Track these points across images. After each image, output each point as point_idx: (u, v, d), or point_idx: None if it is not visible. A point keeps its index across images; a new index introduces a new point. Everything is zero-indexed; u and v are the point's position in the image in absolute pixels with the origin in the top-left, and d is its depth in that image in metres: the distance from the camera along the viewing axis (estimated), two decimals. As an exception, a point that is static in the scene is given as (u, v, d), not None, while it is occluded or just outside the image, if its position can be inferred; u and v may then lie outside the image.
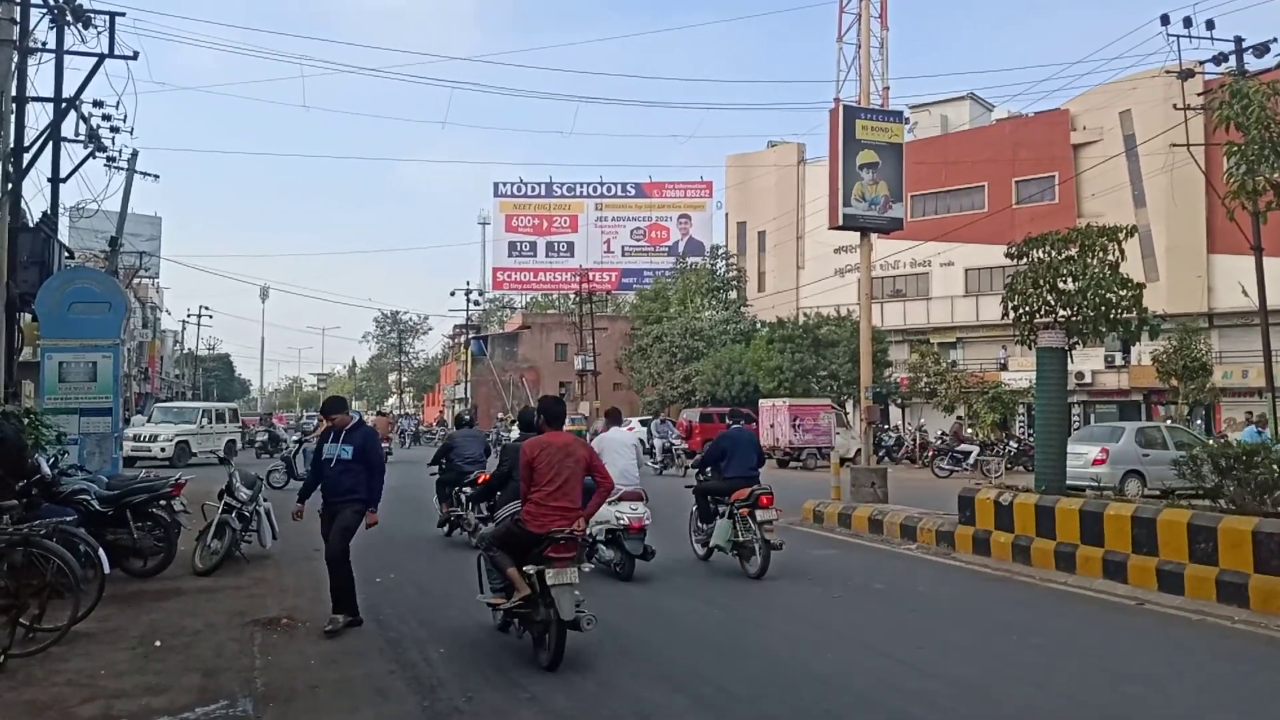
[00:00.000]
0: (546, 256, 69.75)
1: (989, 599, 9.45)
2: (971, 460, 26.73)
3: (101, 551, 7.73)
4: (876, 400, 22.42)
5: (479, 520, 10.84)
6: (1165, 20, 22.01)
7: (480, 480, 11.50)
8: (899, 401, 42.79)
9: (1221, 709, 5.96)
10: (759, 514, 10.25)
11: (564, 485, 6.82)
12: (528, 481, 6.88)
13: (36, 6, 16.12)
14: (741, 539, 10.41)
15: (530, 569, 6.63)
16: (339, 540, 7.78)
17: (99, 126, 20.67)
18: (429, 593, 9.60)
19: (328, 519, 7.95)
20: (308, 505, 8.16)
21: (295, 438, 25.12)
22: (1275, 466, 9.82)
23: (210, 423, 30.43)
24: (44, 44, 17.22)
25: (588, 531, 7.78)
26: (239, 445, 32.02)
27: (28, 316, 16.80)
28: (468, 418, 15.89)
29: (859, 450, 21.78)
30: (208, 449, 29.44)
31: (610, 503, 9.61)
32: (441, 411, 73.08)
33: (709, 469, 11.38)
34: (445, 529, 13.25)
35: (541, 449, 6.92)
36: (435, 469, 13.37)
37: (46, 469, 9.42)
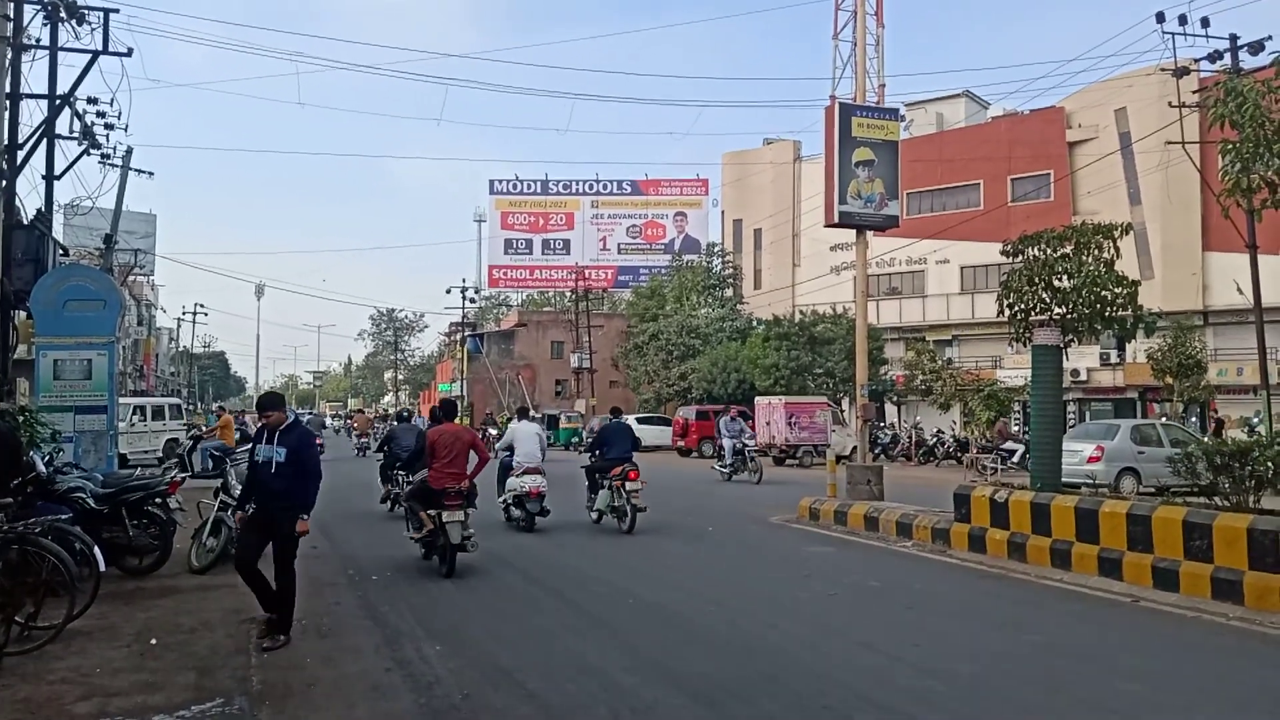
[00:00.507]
0: (542, 254, 69.73)
1: (984, 596, 9.47)
2: (1017, 458, 25.65)
3: (97, 549, 7.72)
4: (872, 398, 22.43)
5: (407, 483, 13.93)
6: (1160, 18, 22.04)
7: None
8: (895, 399, 42.83)
9: (1216, 705, 5.98)
10: (628, 485, 13.53)
11: (454, 458, 10.28)
12: (431, 455, 10.36)
13: (30, 2, 16.06)
14: (615, 504, 13.70)
15: (432, 512, 10.08)
16: (281, 554, 7.38)
17: (93, 123, 20.59)
18: (425, 590, 9.59)
19: (256, 524, 7.53)
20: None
21: (190, 433, 24.60)
22: (1269, 464, 9.84)
23: (144, 420, 27.98)
24: (38, 40, 17.13)
25: (501, 498, 13.70)
26: (182, 445, 25.67)
27: (22, 314, 16.76)
28: (405, 414, 20.03)
29: (855, 448, 21.80)
30: (141, 449, 26.62)
31: (516, 476, 13.55)
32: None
33: (596, 451, 14.49)
34: (388, 505, 15.96)
35: (439, 434, 10.43)
36: (380, 455, 16.50)
37: (41, 467, 9.40)
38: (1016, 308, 13.44)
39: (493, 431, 39.26)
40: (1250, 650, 7.29)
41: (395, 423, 19.24)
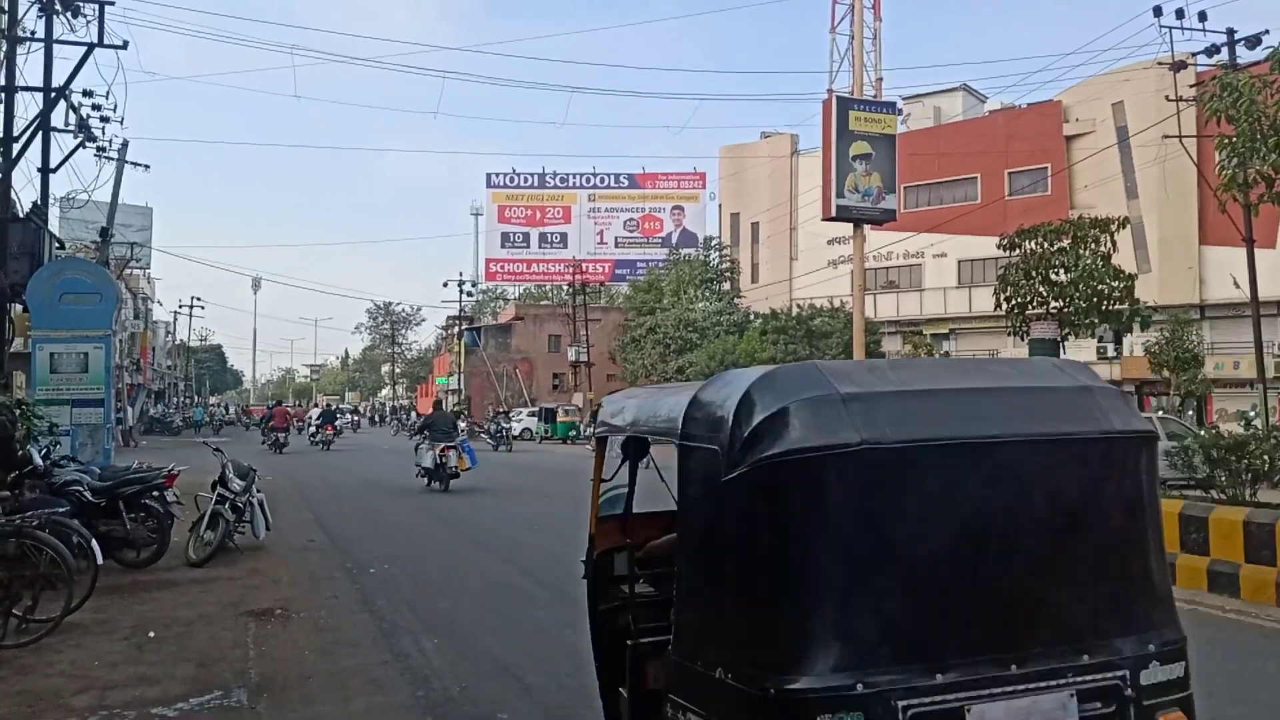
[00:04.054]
0: (539, 247, 69.62)
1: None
2: None
3: (94, 542, 7.71)
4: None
5: (422, 440, 19.85)
6: (1158, 12, 22.01)
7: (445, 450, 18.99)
8: (892, 393, 42.81)
9: (1211, 698, 5.98)
10: (450, 454, 18.55)
11: (447, 431, 19.08)
12: (428, 426, 19.27)
13: (25, -5, 16.01)
14: (434, 467, 18.61)
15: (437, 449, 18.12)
16: None
17: (89, 116, 20.53)
18: (422, 583, 9.61)
19: None
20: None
21: None
22: (1266, 457, 9.88)
23: None
24: (33, 33, 17.09)
25: (423, 465, 19.01)
26: None
27: (19, 307, 16.73)
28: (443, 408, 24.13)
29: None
30: None
31: (438, 449, 18.58)
32: (500, 405, 72.94)
33: (424, 431, 19.65)
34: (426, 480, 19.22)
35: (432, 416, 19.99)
36: (419, 437, 20.13)
37: (39, 460, 9.40)
38: (1014, 301, 13.49)
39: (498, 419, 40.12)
40: (1246, 643, 7.31)
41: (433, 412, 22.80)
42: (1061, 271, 13.01)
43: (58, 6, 16.81)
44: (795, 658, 2.59)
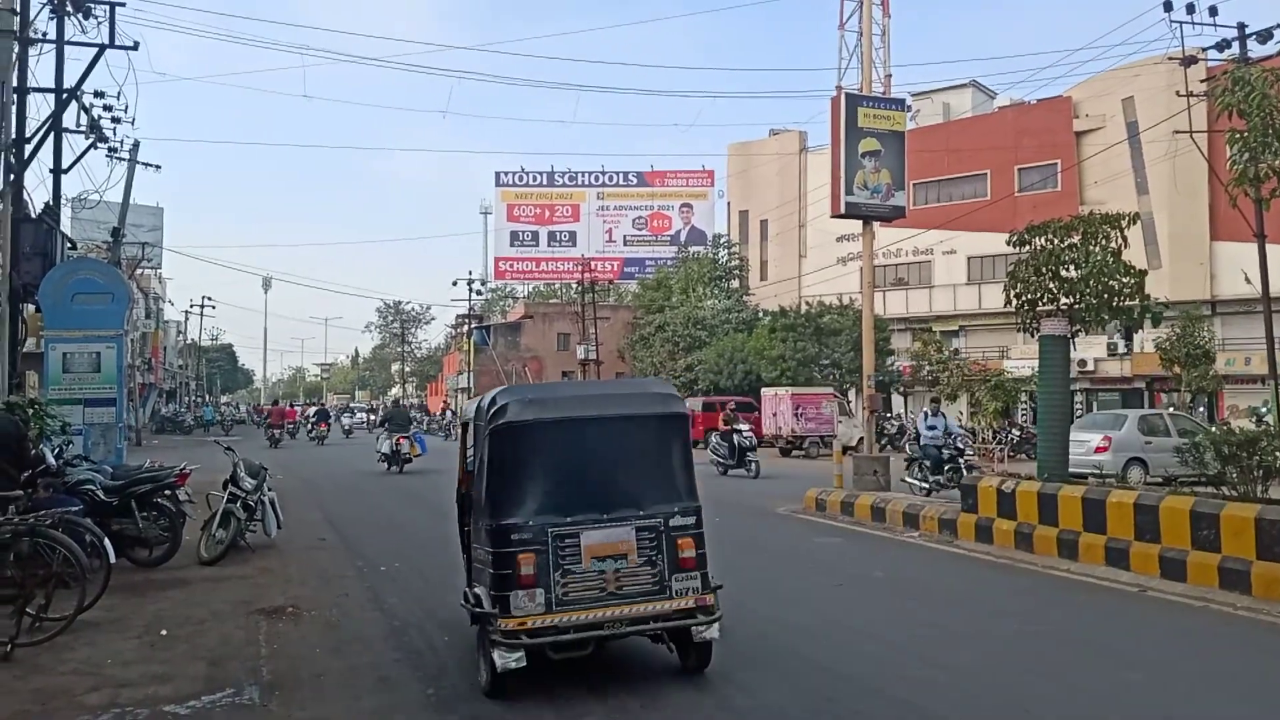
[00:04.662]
0: (548, 246, 69.62)
1: (991, 587, 9.48)
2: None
3: (107, 541, 7.77)
4: (879, 389, 22.24)
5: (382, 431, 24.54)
6: (1168, 6, 21.87)
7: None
8: (901, 390, 42.74)
9: (1223, 695, 5.99)
10: (404, 443, 22.44)
11: (403, 423, 24.14)
12: (387, 420, 25.18)
13: (37, -3, 16.07)
14: (391, 453, 22.59)
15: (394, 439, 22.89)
16: None
17: (100, 117, 20.58)
18: (433, 581, 9.63)
19: None
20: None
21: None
22: (1277, 454, 9.83)
23: None
24: (44, 34, 17.14)
25: (382, 451, 23.16)
26: None
27: (31, 307, 16.82)
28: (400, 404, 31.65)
29: (861, 439, 21.78)
30: None
31: (394, 439, 22.67)
32: (445, 400, 73.10)
33: (384, 424, 24.73)
34: (385, 465, 22.81)
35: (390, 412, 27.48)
36: (380, 430, 25.18)
37: (51, 459, 9.44)
38: (1024, 298, 13.41)
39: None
40: (1257, 640, 7.29)
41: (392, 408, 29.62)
42: (1072, 268, 12.93)
43: (69, 8, 16.88)
44: (504, 511, 5.80)
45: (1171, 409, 27.20)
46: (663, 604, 5.86)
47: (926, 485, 16.28)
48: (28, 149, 16.02)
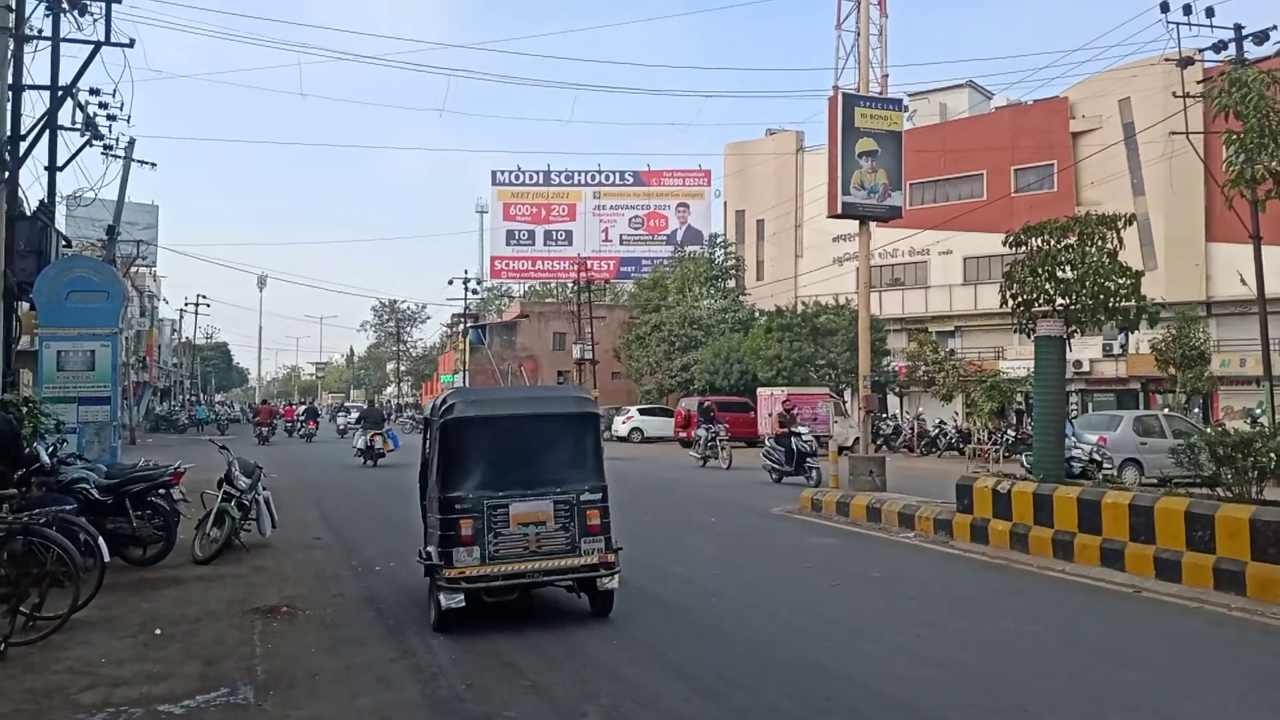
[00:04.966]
0: (545, 245, 69.55)
1: (987, 587, 9.48)
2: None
3: (101, 540, 7.73)
4: (875, 389, 22.29)
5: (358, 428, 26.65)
6: (1165, 8, 21.93)
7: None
8: (897, 390, 42.77)
9: (1217, 695, 5.99)
10: (377, 440, 24.63)
11: (377, 421, 26.47)
12: (363, 418, 27.22)
13: (32, -7, 16.00)
14: (365, 448, 24.54)
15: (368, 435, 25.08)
16: None
17: (96, 115, 20.56)
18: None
19: None
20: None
21: None
22: (1273, 454, 9.84)
23: None
24: (40, 31, 17.09)
25: (358, 446, 25.08)
26: None
27: (25, 305, 16.77)
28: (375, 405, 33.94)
29: (857, 439, 21.81)
30: None
31: (369, 435, 24.57)
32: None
33: (360, 422, 27.58)
34: (361, 459, 24.75)
35: (365, 411, 29.53)
36: (355, 427, 27.44)
37: (45, 458, 9.41)
38: (1020, 298, 13.44)
39: None
40: (1252, 640, 7.30)
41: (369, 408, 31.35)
42: (1068, 268, 12.94)
43: (65, 5, 16.82)
44: (450, 486, 7.30)
45: (1167, 410, 27.23)
46: (574, 560, 7.43)
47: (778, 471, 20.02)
48: (23, 146, 15.94)
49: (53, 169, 18.40)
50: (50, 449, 10.29)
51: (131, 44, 17.46)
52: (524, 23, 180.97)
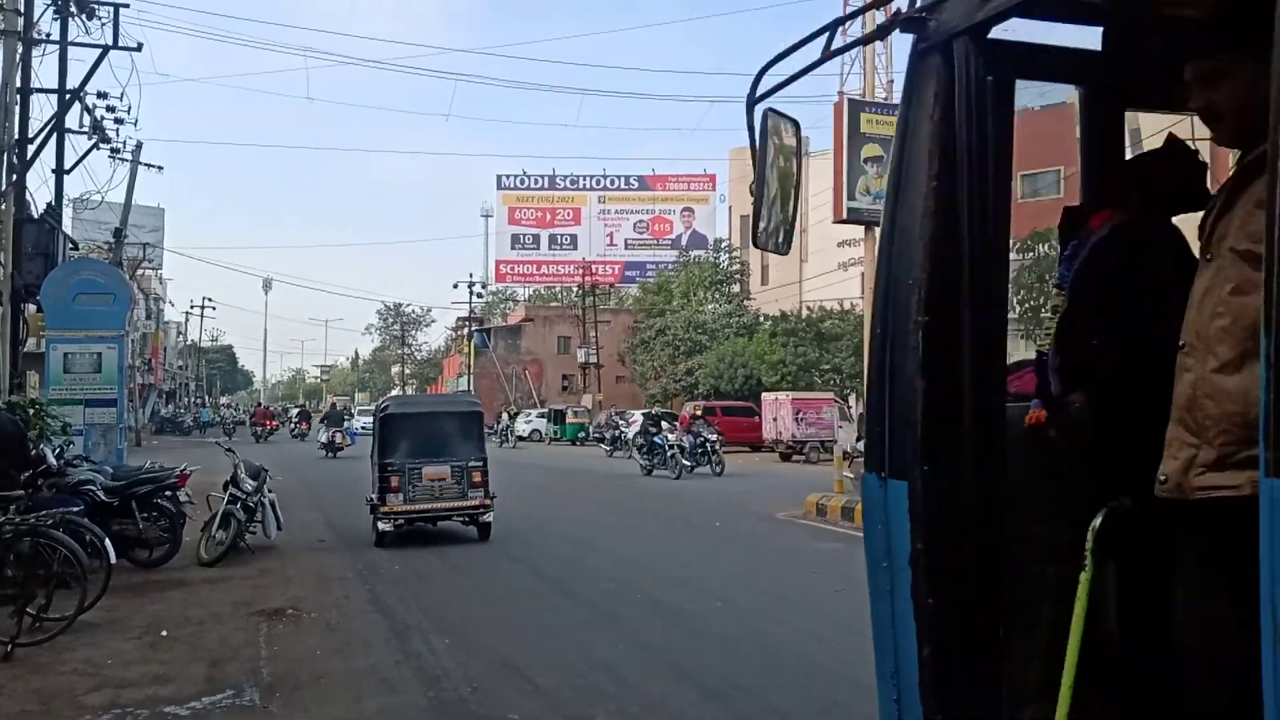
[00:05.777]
0: (549, 249, 69.70)
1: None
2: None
3: (108, 542, 7.75)
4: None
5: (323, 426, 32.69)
6: (1171, 13, 21.95)
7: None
8: (902, 395, 42.66)
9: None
10: (337, 436, 30.58)
11: (339, 420, 33.62)
12: (327, 418, 34.87)
13: (41, -3, 16.09)
14: (328, 442, 30.69)
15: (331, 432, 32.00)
16: None
17: (103, 118, 20.59)
18: (433, 583, 9.63)
19: None
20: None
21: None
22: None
23: None
24: (48, 35, 17.18)
25: (321, 440, 32.01)
26: None
27: (32, 307, 16.82)
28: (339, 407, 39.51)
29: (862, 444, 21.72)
30: None
31: (331, 432, 31.11)
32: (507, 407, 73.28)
33: (324, 420, 32.98)
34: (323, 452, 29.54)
35: (329, 412, 37.13)
36: (321, 425, 32.24)
37: (52, 459, 9.44)
38: (1027, 304, 13.43)
39: (505, 417, 45.10)
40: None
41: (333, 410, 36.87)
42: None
43: (73, 9, 16.92)
44: (385, 454, 11.79)
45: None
46: (464, 503, 11.81)
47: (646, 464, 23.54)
48: (30, 149, 16.04)
49: (60, 172, 18.46)
50: (57, 451, 10.33)
51: (139, 48, 17.57)
52: (529, 27, 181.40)
